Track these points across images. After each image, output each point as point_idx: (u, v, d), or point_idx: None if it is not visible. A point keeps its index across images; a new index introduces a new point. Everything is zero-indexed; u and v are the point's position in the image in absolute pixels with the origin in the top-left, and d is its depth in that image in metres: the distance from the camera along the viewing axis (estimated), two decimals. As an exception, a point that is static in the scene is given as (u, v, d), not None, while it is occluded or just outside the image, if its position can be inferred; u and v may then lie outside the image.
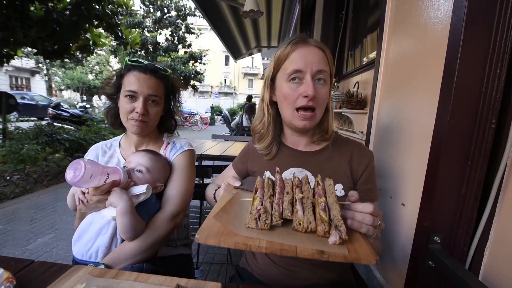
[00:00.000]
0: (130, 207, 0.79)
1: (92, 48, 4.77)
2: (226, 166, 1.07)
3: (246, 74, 38.05)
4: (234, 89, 37.07)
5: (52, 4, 3.94)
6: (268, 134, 0.86)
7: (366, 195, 0.80)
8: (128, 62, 0.96)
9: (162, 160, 0.97)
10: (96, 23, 4.51)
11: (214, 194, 0.86)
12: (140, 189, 0.85)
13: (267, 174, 0.86)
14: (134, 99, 0.93)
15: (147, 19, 13.25)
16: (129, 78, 0.94)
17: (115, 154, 1.04)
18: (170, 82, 1.03)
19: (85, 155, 1.05)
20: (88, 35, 4.66)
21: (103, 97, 1.03)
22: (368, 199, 0.83)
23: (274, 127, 0.87)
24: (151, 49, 13.00)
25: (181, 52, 14.38)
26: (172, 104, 1.08)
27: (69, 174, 0.71)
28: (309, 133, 0.85)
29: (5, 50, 4.00)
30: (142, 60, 0.97)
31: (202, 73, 15.01)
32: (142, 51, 12.62)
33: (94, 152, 1.04)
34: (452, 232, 0.76)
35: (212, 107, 18.04)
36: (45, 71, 22.22)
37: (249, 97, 7.73)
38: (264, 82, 0.86)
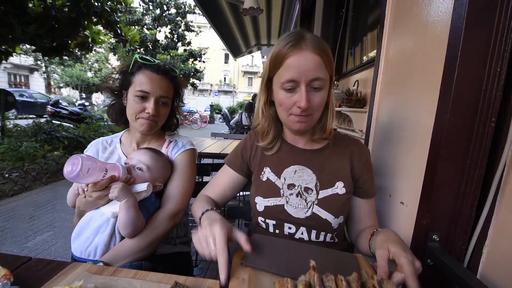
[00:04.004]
0: (135, 202, 0.80)
1: (91, 45, 4.74)
2: (225, 164, 1.07)
3: (245, 73, 37.96)
4: (234, 88, 37.00)
5: (50, 1, 3.91)
6: (270, 133, 0.86)
7: (366, 191, 0.85)
8: (138, 59, 0.93)
9: (164, 160, 0.95)
10: (95, 20, 4.47)
11: (200, 218, 0.73)
12: (141, 187, 0.85)
13: (267, 171, 0.86)
14: (145, 99, 0.91)
15: (146, 17, 13.20)
16: (140, 77, 0.91)
17: (115, 150, 1.03)
18: (177, 83, 1.02)
19: (84, 151, 1.03)
20: (87, 32, 4.62)
21: (102, 95, 1.02)
22: (368, 194, 0.85)
23: (275, 124, 0.87)
24: (150, 47, 12.95)
25: (181, 50, 14.34)
26: (176, 103, 1.08)
27: (67, 169, 0.71)
28: (308, 132, 0.85)
29: (3, 47, 3.97)
30: (151, 59, 0.95)
31: (201, 71, 15.00)
32: (141, 49, 12.57)
33: (94, 148, 1.03)
34: (451, 230, 0.76)
35: (211, 105, 18.01)
36: (43, 69, 22.07)
37: (254, 96, 7.58)
38: (261, 83, 0.85)
